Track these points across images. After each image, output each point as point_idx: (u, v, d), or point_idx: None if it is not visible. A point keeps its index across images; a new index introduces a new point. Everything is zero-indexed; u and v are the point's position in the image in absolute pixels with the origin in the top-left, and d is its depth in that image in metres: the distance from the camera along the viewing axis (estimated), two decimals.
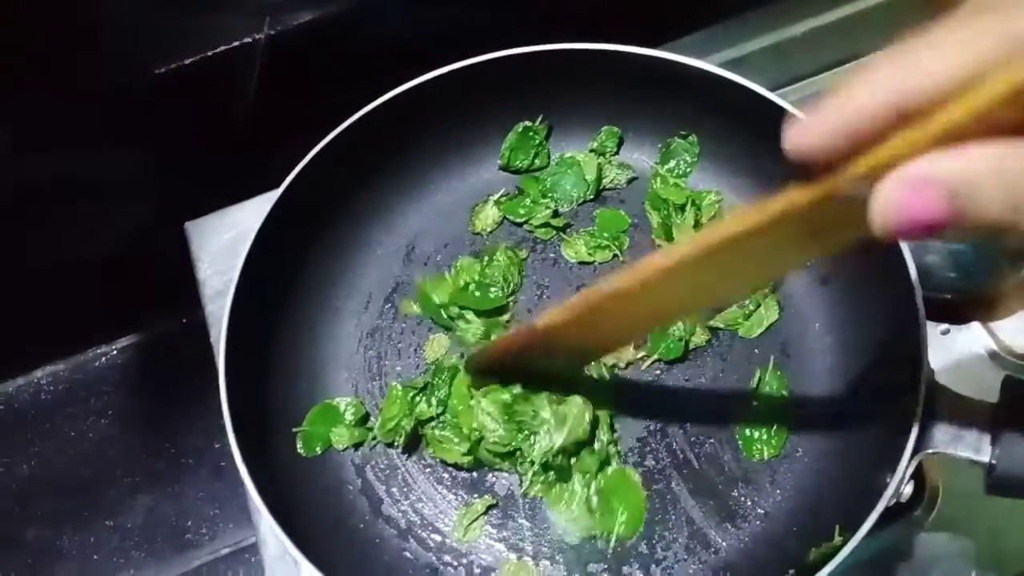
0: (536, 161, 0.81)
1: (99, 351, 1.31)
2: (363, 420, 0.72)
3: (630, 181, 0.80)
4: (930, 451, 0.55)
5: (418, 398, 0.70)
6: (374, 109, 0.74)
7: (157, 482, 1.21)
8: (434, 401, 0.69)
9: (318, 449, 0.70)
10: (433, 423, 0.69)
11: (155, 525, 1.19)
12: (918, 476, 0.70)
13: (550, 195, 0.80)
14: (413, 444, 0.71)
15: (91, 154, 1.10)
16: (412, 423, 0.69)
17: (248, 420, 0.64)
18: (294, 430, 0.70)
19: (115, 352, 1.32)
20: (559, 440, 0.65)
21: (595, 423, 0.67)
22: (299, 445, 0.70)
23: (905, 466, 0.54)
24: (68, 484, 1.22)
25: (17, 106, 1.00)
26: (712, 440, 0.69)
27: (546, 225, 0.79)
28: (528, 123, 0.81)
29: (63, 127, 1.06)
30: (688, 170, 0.79)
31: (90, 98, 1.03)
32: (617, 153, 0.82)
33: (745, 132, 0.75)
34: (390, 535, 0.68)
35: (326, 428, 0.71)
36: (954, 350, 0.75)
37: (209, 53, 0.99)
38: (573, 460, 0.67)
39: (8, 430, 1.28)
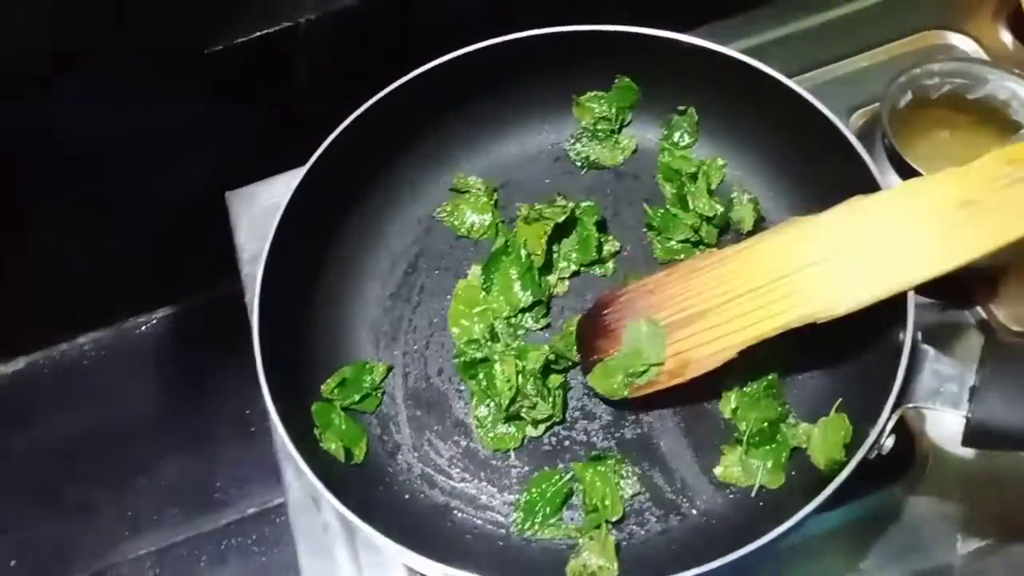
0: None
1: (139, 320, 1.37)
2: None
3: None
4: (911, 405, 0.59)
5: None
6: (397, 88, 0.79)
7: (190, 444, 1.27)
8: None
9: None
10: None
11: (187, 485, 1.25)
12: (908, 441, 0.73)
13: None
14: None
15: (143, 128, 1.15)
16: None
17: (278, 367, 0.69)
18: (314, 406, 0.73)
19: (155, 321, 1.38)
20: None
21: None
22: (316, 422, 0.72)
23: (887, 418, 0.58)
24: (106, 444, 1.28)
25: (81, 84, 1.05)
26: (705, 403, 0.73)
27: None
28: None
29: (116, 101, 1.10)
30: (691, 141, 0.83)
31: (143, 76, 1.08)
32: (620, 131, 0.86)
33: (747, 107, 0.79)
34: (405, 479, 0.72)
35: (325, 425, 0.72)
36: (945, 319, 0.78)
37: (258, 34, 1.04)
38: None
39: (51, 392, 1.35)
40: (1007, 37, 0.94)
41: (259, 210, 0.94)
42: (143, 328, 1.37)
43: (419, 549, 0.60)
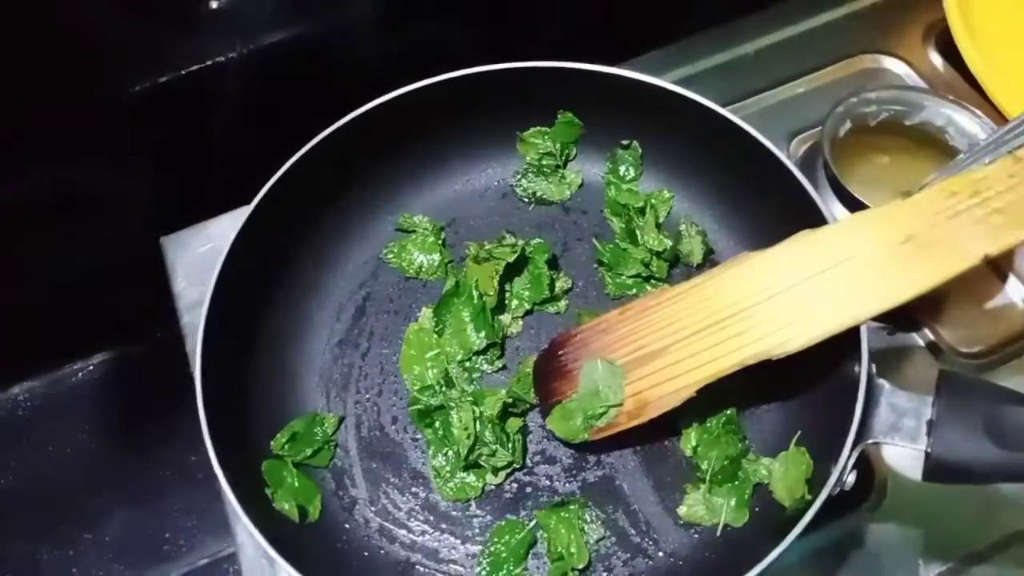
0: None
1: (75, 367, 1.31)
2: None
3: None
4: (870, 441, 0.59)
5: None
6: (341, 127, 0.77)
7: (135, 495, 1.22)
8: None
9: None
10: None
11: (134, 537, 1.19)
12: (867, 469, 0.74)
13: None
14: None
15: (67, 172, 1.11)
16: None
17: (224, 424, 0.67)
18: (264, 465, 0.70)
19: (91, 368, 1.32)
20: None
21: None
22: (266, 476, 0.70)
23: (847, 456, 0.58)
24: (47, 498, 1.22)
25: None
26: (665, 441, 0.72)
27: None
28: None
29: (38, 147, 1.07)
30: (637, 175, 0.83)
31: (67, 117, 1.04)
32: (565, 166, 0.85)
33: (688, 138, 0.79)
34: (364, 534, 0.70)
35: (277, 483, 0.70)
36: (894, 342, 0.79)
37: (184, 72, 1.01)
38: None
39: None
40: (937, 59, 0.96)
41: (195, 255, 0.91)
42: (79, 375, 1.31)
43: None
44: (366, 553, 0.69)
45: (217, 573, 1.16)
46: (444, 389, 0.74)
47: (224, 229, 0.73)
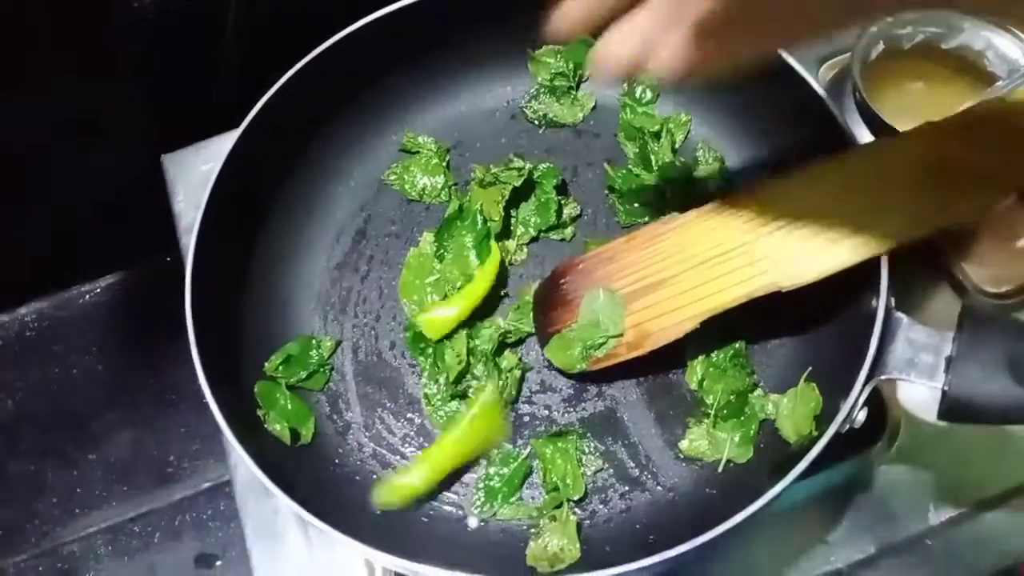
0: None
1: (83, 289, 1.31)
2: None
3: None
4: (883, 377, 0.56)
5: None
6: (338, 42, 0.73)
7: (140, 417, 1.22)
8: None
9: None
10: None
11: (137, 459, 1.20)
12: (879, 409, 0.71)
13: None
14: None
15: (69, 91, 1.09)
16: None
17: (216, 347, 0.65)
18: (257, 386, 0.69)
19: (99, 290, 1.31)
20: None
21: None
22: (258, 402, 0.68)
23: (859, 391, 0.55)
24: (51, 419, 1.23)
25: None
26: (670, 374, 0.70)
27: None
28: None
29: (40, 65, 1.04)
30: (653, 97, 0.79)
31: (67, 34, 1.01)
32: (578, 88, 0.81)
33: None
34: (357, 458, 0.69)
35: (269, 405, 0.68)
36: (913, 277, 0.75)
37: None
38: None
39: None
40: None
41: (197, 175, 0.89)
42: (87, 297, 1.30)
43: (371, 540, 0.57)
44: (358, 477, 0.68)
45: (219, 497, 1.17)
46: None
47: (226, 147, 0.70)
